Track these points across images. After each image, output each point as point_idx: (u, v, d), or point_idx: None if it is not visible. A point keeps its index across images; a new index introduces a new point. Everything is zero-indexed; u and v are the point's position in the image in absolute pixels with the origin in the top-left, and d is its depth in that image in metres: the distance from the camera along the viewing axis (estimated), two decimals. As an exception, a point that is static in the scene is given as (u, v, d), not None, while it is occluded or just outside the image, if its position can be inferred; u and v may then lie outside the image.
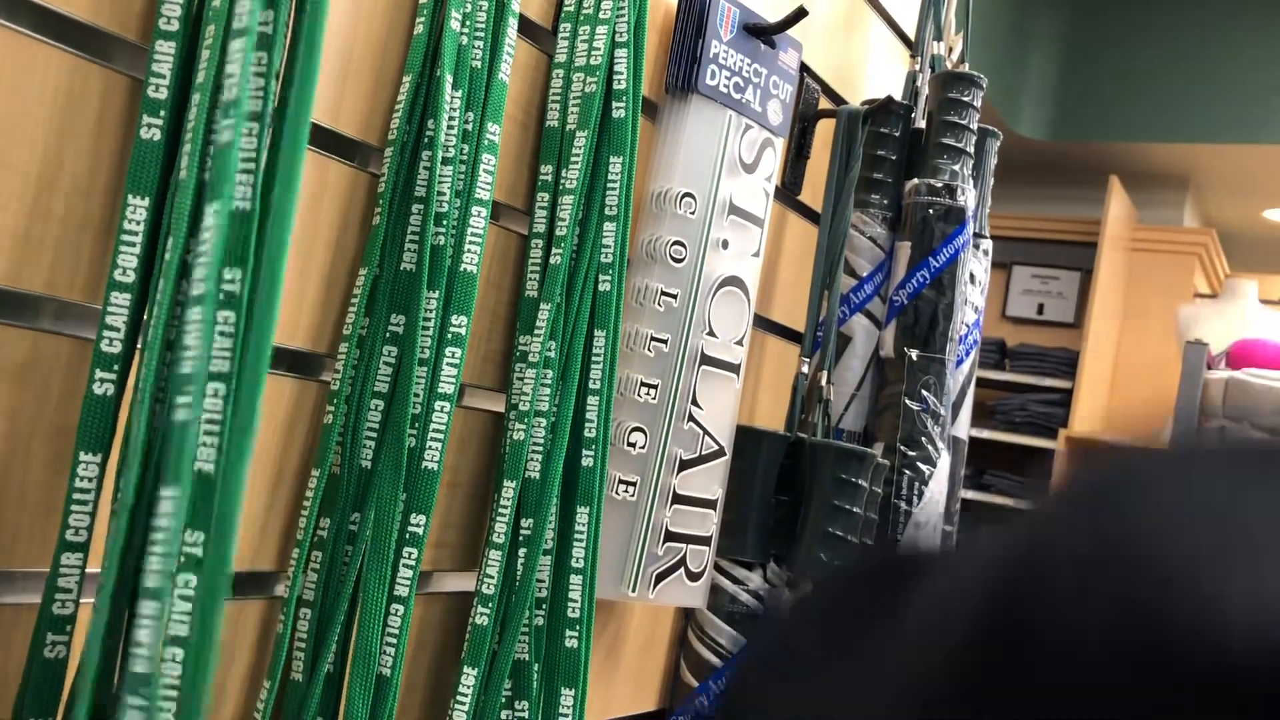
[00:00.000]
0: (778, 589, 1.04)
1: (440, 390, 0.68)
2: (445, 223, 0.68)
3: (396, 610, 0.68)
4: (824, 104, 1.18)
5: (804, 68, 1.14)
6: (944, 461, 1.13)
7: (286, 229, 0.51)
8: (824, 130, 1.17)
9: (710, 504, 0.97)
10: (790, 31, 1.04)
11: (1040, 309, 4.80)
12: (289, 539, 0.68)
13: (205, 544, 0.51)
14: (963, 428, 1.20)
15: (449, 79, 0.68)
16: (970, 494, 4.50)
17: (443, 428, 0.69)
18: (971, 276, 1.21)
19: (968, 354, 1.20)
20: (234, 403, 0.52)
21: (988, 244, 1.23)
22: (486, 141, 0.70)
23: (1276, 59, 4.53)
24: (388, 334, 0.68)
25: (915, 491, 1.11)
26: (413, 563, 0.68)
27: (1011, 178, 5.20)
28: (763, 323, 1.16)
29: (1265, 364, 2.84)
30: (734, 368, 0.98)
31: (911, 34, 1.27)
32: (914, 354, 1.12)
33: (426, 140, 0.68)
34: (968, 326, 1.20)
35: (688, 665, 1.03)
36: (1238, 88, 4.58)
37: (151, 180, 0.55)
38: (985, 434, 4.51)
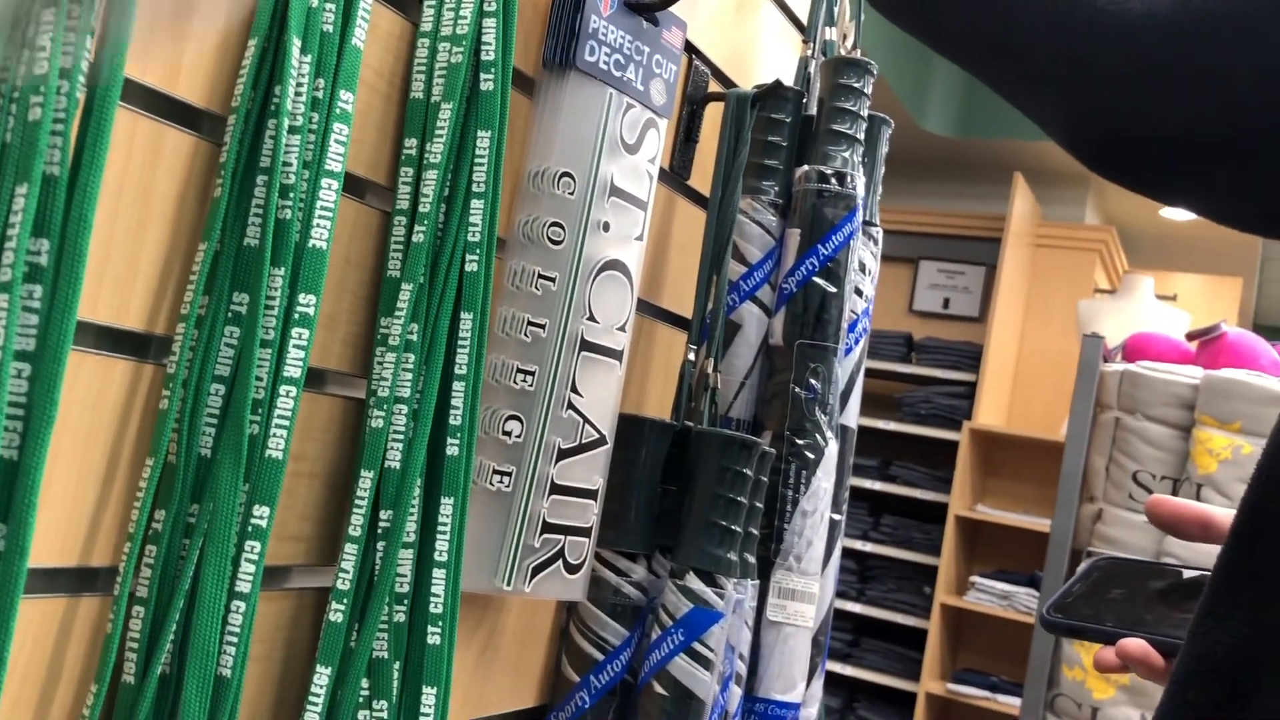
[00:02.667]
0: (662, 580, 1.02)
1: (286, 374, 0.64)
2: (293, 195, 0.64)
3: (238, 607, 0.63)
4: (714, 87, 1.16)
5: (693, 50, 1.11)
6: (832, 450, 1.12)
7: (93, 196, 0.47)
8: (714, 114, 1.15)
9: (590, 494, 0.94)
10: (677, 12, 1.02)
11: (946, 303, 4.87)
12: (122, 532, 0.63)
13: (6, 534, 0.47)
14: (851, 416, 1.19)
15: (297, 43, 0.64)
16: (877, 485, 4.56)
17: (288, 414, 0.65)
18: (861, 265, 1.20)
19: (857, 342, 1.19)
20: (36, 383, 0.48)
21: (878, 232, 1.22)
22: (339, 110, 0.66)
23: (1172, 61, 4.64)
24: (229, 314, 0.64)
25: (803, 480, 1.10)
26: (256, 557, 0.64)
27: (919, 174, 5.27)
28: (651, 310, 1.13)
29: (1159, 357, 2.91)
30: (616, 354, 0.95)
31: (805, 19, 1.25)
32: (803, 343, 1.11)
33: (273, 108, 0.64)
34: (857, 315, 1.19)
35: (569, 660, 1.01)
36: (1136, 88, 4.69)
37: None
38: (891, 426, 4.57)
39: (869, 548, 4.55)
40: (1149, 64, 0.58)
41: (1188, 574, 0.66)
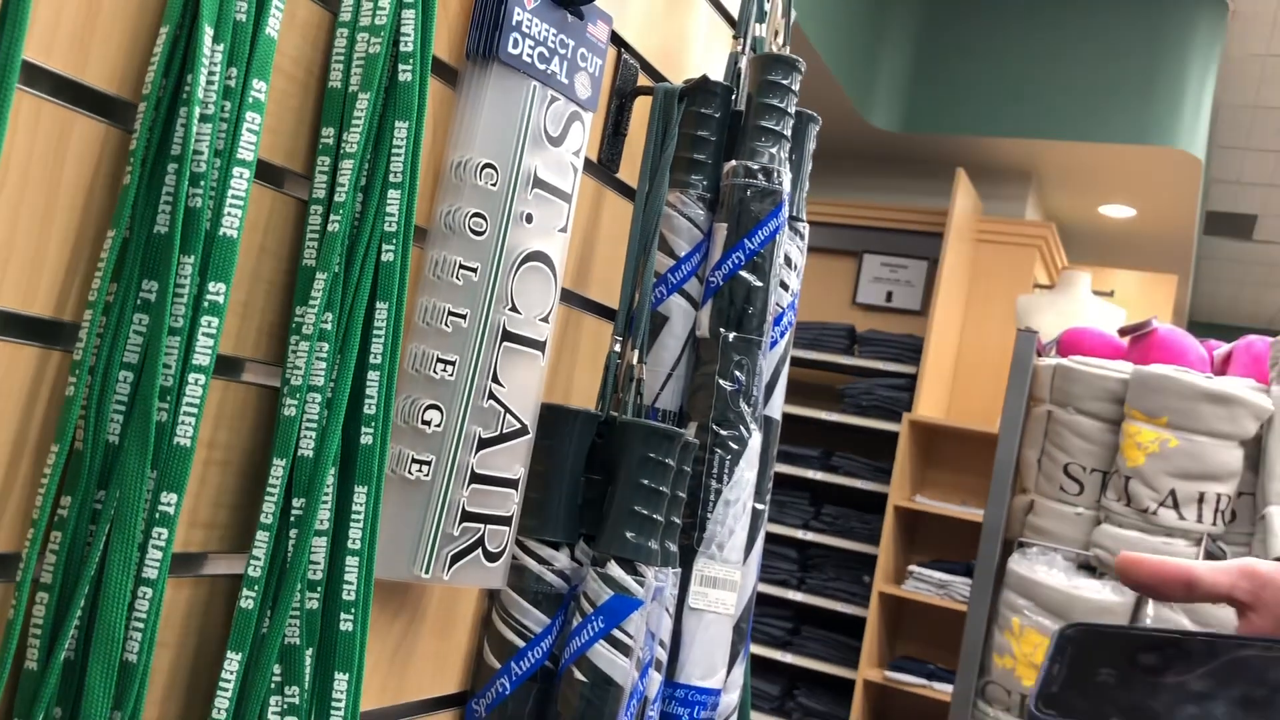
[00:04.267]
0: (584, 568, 1.03)
1: (195, 362, 0.65)
2: (203, 184, 0.64)
3: (145, 593, 0.64)
4: (644, 81, 1.17)
5: (622, 44, 1.12)
6: (755, 441, 1.14)
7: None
8: (643, 108, 1.16)
9: (511, 483, 0.95)
10: (604, 6, 1.03)
11: (889, 296, 4.93)
12: (26, 519, 0.63)
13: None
14: (776, 408, 1.21)
15: (209, 32, 0.64)
16: (819, 475, 4.61)
17: (197, 401, 0.65)
18: (787, 259, 1.22)
19: (782, 335, 1.21)
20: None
21: (804, 227, 1.24)
22: (251, 99, 0.67)
23: (1114, 62, 4.74)
24: (138, 301, 0.64)
25: (726, 470, 1.12)
26: (163, 543, 0.64)
27: (864, 168, 5.33)
28: (579, 301, 1.14)
29: (1091, 352, 2.97)
30: (539, 344, 0.96)
31: (736, 14, 1.27)
32: (728, 335, 1.12)
33: (184, 96, 0.64)
34: (782, 308, 1.21)
35: (490, 647, 1.02)
36: (1078, 88, 4.78)
37: None
38: (834, 417, 4.62)
39: (810, 537, 4.60)
40: None
41: (1182, 639, 0.55)
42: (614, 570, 0.99)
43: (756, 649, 4.62)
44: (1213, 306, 9.28)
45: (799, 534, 4.60)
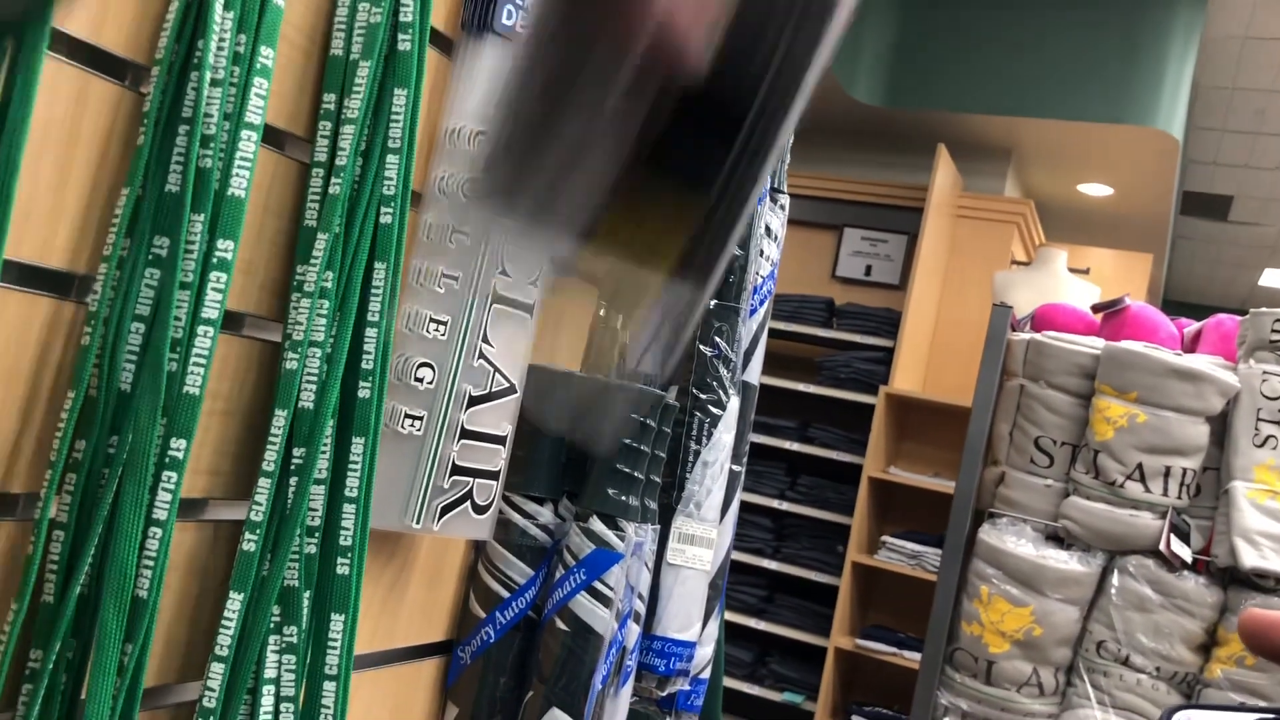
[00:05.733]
0: (568, 523, 1.07)
1: (204, 315, 0.68)
2: (213, 145, 0.68)
3: (155, 534, 0.67)
4: (632, 53, 1.20)
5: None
6: (733, 405, 1.18)
7: (20, 140, 0.50)
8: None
9: (499, 440, 0.99)
10: (595, -22, 1.06)
11: (868, 270, 4.97)
12: (43, 462, 0.67)
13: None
14: (754, 374, 1.25)
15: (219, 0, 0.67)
16: (795, 446, 4.66)
17: (205, 353, 0.68)
18: (768, 229, 1.25)
19: (761, 304, 1.25)
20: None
21: (784, 199, 1.28)
22: (259, 65, 0.70)
23: (1094, 42, 4.78)
24: (150, 256, 0.67)
25: (705, 432, 1.16)
26: (172, 486, 0.68)
27: (846, 142, 5.36)
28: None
29: (1065, 328, 3.02)
30: (527, 307, 1.00)
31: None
32: (710, 302, 1.16)
33: (195, 61, 0.67)
34: (762, 278, 1.24)
35: (476, 597, 1.06)
36: (1059, 67, 4.81)
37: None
38: (812, 389, 4.67)
39: (785, 506, 4.67)
40: None
41: None
42: (596, 525, 1.03)
43: (731, 616, 4.70)
44: (1187, 286, 9.39)
45: (774, 504, 4.67)
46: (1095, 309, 3.09)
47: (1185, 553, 2.55)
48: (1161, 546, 2.53)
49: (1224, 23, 5.06)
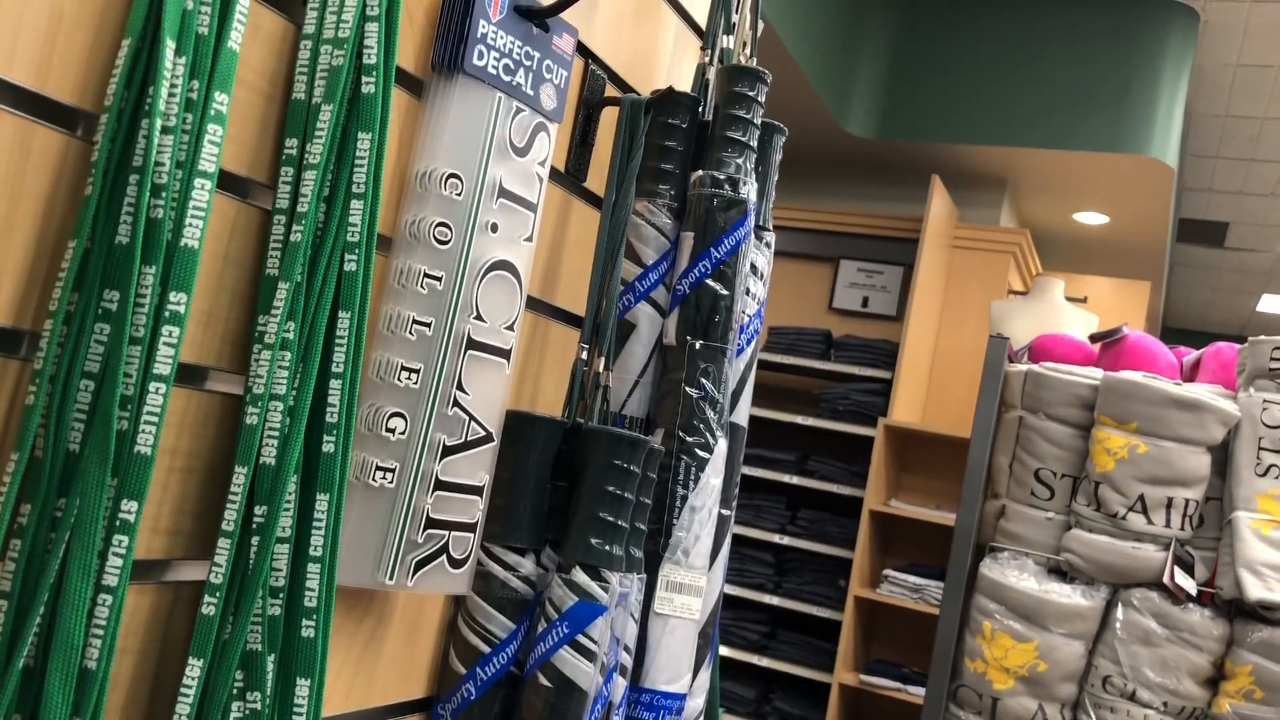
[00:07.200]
0: (550, 574, 1.04)
1: (156, 371, 0.65)
2: (165, 195, 0.65)
3: (105, 600, 0.64)
4: (612, 92, 1.18)
5: (590, 55, 1.14)
6: (721, 448, 1.15)
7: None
8: (611, 118, 1.17)
9: (476, 490, 0.96)
10: (574, 17, 1.04)
11: (865, 302, 4.95)
12: (-14, 526, 0.64)
13: None
14: (742, 415, 1.22)
15: (170, 44, 0.65)
16: (795, 479, 4.63)
17: (158, 410, 0.66)
18: (753, 267, 1.23)
19: (749, 343, 1.22)
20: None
21: (770, 236, 1.25)
22: (213, 111, 0.67)
23: (1087, 71, 4.78)
24: (100, 310, 0.65)
25: (692, 477, 1.13)
26: (124, 550, 0.65)
27: (840, 175, 5.36)
28: (547, 309, 1.15)
29: (1063, 358, 2.99)
30: (504, 353, 0.97)
31: (704, 26, 1.28)
32: (695, 343, 1.14)
33: (146, 108, 0.65)
34: (748, 316, 1.22)
35: (456, 652, 1.02)
36: (1053, 96, 4.82)
37: None
38: (810, 421, 4.64)
39: (785, 541, 4.62)
40: None
41: None
42: (579, 576, 1.00)
43: (733, 653, 4.64)
44: (1185, 313, 9.37)
45: (775, 538, 4.62)
46: (1093, 339, 3.06)
47: (1189, 585, 2.51)
48: (1165, 579, 2.49)
49: (1216, 51, 5.07)
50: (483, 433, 0.96)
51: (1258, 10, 4.69)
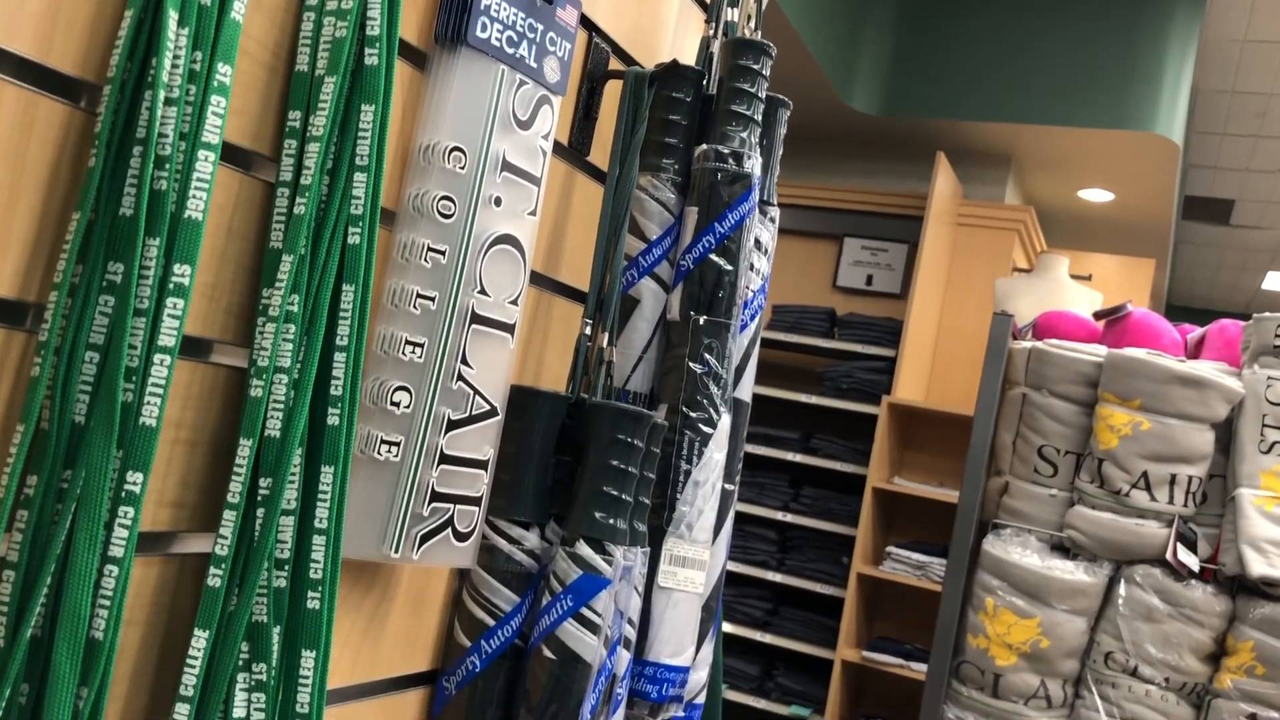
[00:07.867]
0: (554, 547, 1.04)
1: (160, 343, 0.65)
2: (168, 167, 0.65)
3: (111, 571, 0.65)
4: (615, 65, 1.18)
5: (593, 28, 1.13)
6: (724, 423, 1.15)
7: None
8: (615, 92, 1.17)
9: (481, 464, 0.96)
10: (575, -11, 1.03)
11: (869, 280, 4.95)
12: (-7, 498, 0.64)
13: None
14: (746, 390, 1.22)
15: (174, 15, 0.65)
16: (798, 457, 4.63)
17: (162, 382, 0.66)
18: (757, 242, 1.23)
19: (752, 318, 1.22)
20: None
21: (774, 211, 1.25)
22: (216, 83, 0.67)
23: (1092, 47, 4.75)
24: (104, 283, 0.65)
25: (695, 452, 1.13)
26: (129, 522, 0.65)
27: (844, 152, 5.34)
28: (550, 284, 1.15)
29: (1067, 335, 2.99)
30: (508, 327, 0.97)
31: (708, -1, 1.27)
32: (699, 318, 1.14)
33: (149, 80, 0.65)
34: (752, 292, 1.22)
35: (461, 625, 1.03)
36: (1058, 73, 4.79)
37: None
38: (814, 399, 4.64)
39: (789, 518, 4.63)
40: None
41: None
42: (583, 549, 1.01)
43: (736, 629, 4.66)
44: (1190, 290, 9.35)
45: (778, 515, 4.63)
46: (1097, 316, 3.06)
47: (1192, 561, 2.51)
48: (1168, 555, 2.50)
49: (1222, 26, 5.04)
50: (487, 407, 0.96)
51: (1266, -15, 4.66)
